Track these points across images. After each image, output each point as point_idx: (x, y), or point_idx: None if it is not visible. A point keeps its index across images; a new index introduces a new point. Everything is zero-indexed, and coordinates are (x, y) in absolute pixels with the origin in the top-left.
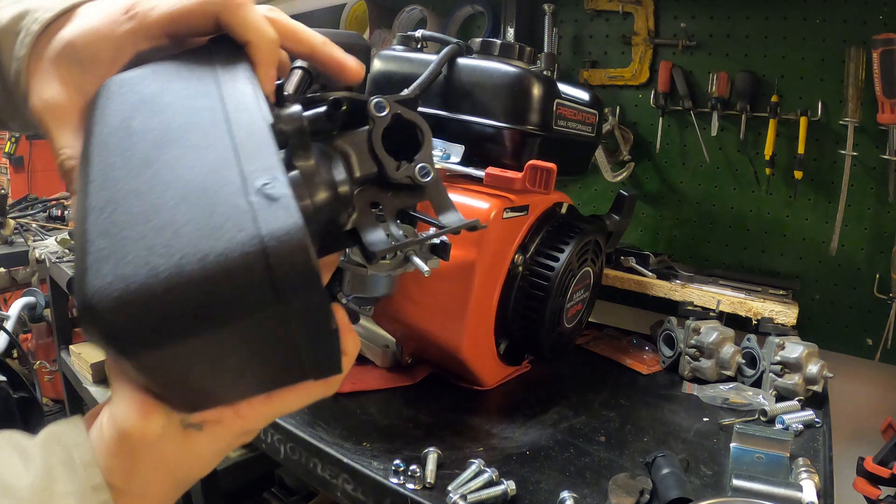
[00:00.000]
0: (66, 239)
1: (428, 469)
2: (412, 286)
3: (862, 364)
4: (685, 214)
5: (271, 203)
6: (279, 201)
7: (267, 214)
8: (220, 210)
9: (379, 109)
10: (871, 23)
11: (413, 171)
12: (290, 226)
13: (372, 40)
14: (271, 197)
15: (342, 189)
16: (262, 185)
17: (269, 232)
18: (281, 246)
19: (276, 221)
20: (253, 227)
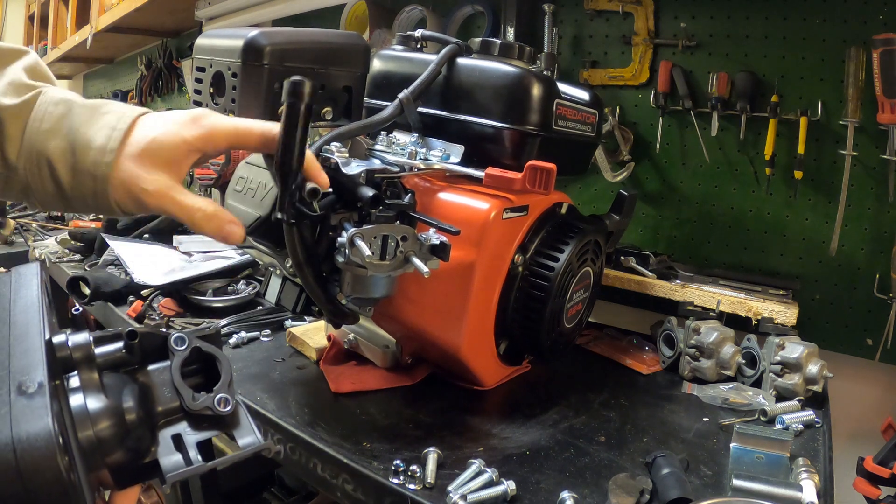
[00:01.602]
0: (67, 239)
1: (428, 469)
2: (412, 287)
3: (862, 364)
4: (685, 214)
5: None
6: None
7: (23, 420)
8: None
9: (179, 343)
10: (871, 23)
11: (211, 402)
12: (41, 434)
13: (372, 40)
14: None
15: (129, 417)
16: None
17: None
18: (32, 450)
19: (29, 428)
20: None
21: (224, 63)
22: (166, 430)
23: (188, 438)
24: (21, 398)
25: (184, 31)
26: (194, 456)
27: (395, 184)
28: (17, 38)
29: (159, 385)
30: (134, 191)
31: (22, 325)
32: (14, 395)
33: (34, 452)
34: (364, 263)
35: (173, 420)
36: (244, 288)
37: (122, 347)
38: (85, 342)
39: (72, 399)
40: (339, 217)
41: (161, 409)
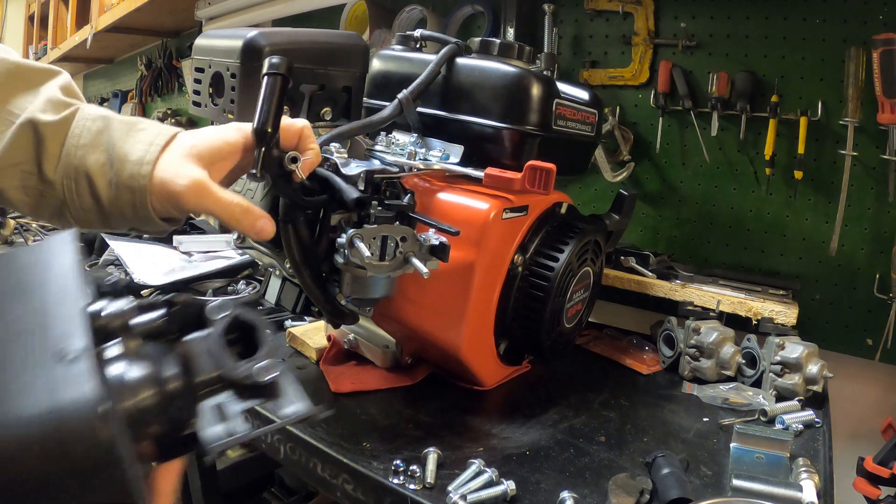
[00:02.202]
0: None
1: (428, 469)
2: (412, 287)
3: (862, 364)
4: (685, 214)
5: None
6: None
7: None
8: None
9: (217, 312)
10: (871, 23)
11: (253, 370)
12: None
13: (372, 40)
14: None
15: (171, 386)
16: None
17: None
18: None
19: (71, 394)
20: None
21: (223, 63)
22: (207, 400)
23: (230, 408)
24: (60, 365)
25: (184, 31)
26: (236, 426)
27: (394, 184)
28: (17, 38)
29: (198, 355)
30: (171, 194)
31: (59, 292)
32: (54, 362)
33: (76, 421)
34: (363, 264)
35: (214, 390)
36: (244, 288)
37: (159, 317)
38: (124, 310)
39: (111, 368)
40: (339, 218)
41: (201, 379)
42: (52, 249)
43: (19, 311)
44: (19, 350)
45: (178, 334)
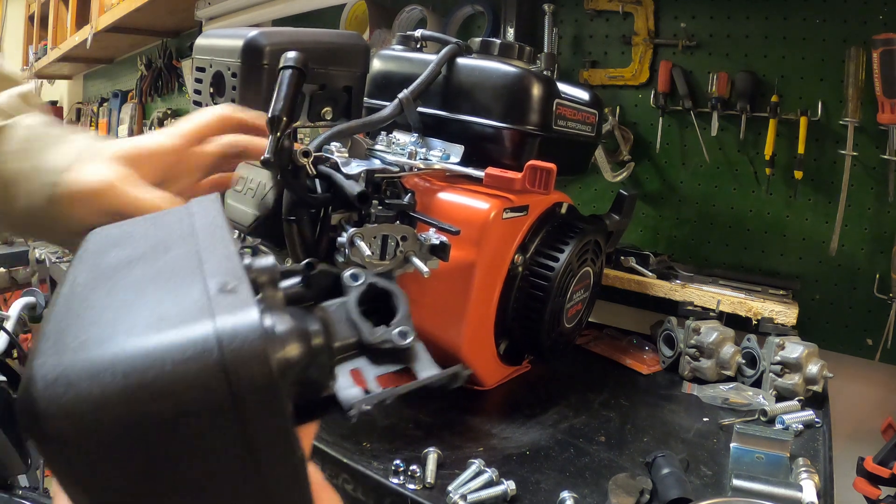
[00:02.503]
0: None
1: (428, 469)
2: (412, 287)
3: (862, 364)
4: (685, 214)
5: (231, 303)
6: (239, 301)
7: (225, 312)
8: (174, 309)
9: (354, 279)
10: (871, 23)
11: (391, 335)
12: (249, 323)
13: (372, 40)
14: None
15: (315, 341)
16: (222, 287)
17: (226, 328)
18: (241, 343)
19: (234, 319)
20: (209, 324)
21: (224, 63)
22: (344, 365)
23: (367, 372)
24: (221, 294)
25: (184, 31)
26: (374, 389)
27: (394, 184)
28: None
29: (336, 320)
30: (87, 196)
31: (209, 240)
32: (214, 292)
33: (242, 343)
34: (364, 263)
35: (351, 356)
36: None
37: (298, 282)
38: (271, 265)
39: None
40: (339, 217)
41: (339, 344)
42: (196, 209)
43: (172, 254)
44: (175, 284)
45: (314, 301)
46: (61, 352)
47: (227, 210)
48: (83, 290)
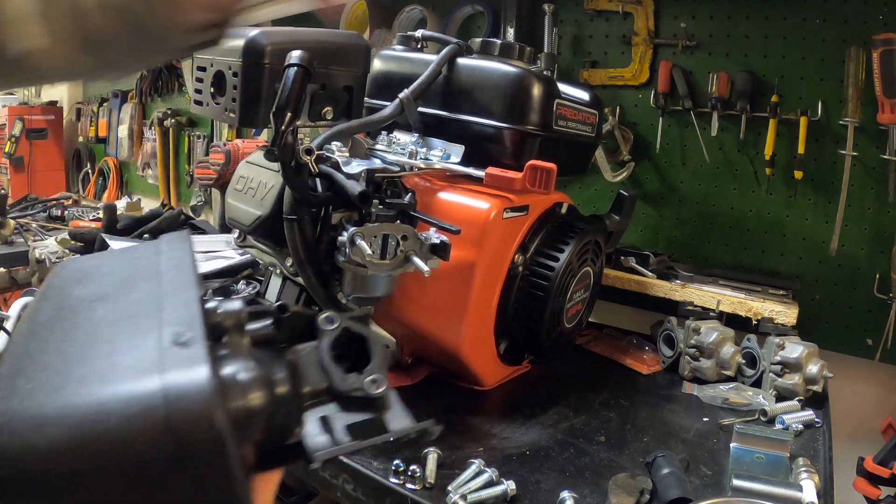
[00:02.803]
0: (66, 239)
1: (428, 469)
2: (412, 286)
3: (862, 364)
4: (685, 214)
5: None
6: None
7: (175, 368)
8: (127, 359)
9: (328, 323)
10: (871, 23)
11: (362, 383)
12: (197, 381)
13: (372, 40)
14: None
15: (280, 390)
16: (176, 339)
17: (174, 385)
18: (185, 400)
19: (184, 375)
20: (157, 379)
21: (225, 62)
22: (312, 411)
23: (336, 420)
24: (175, 347)
25: None
26: (342, 438)
27: (395, 183)
28: None
29: (307, 365)
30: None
31: (173, 283)
32: (167, 343)
33: (188, 403)
34: (364, 262)
35: (320, 401)
36: (244, 288)
37: (269, 324)
38: (237, 309)
39: (223, 365)
40: (340, 216)
41: (308, 389)
42: (166, 246)
43: (134, 296)
44: (131, 331)
45: (287, 343)
46: (11, 396)
47: (228, 209)
48: (42, 329)
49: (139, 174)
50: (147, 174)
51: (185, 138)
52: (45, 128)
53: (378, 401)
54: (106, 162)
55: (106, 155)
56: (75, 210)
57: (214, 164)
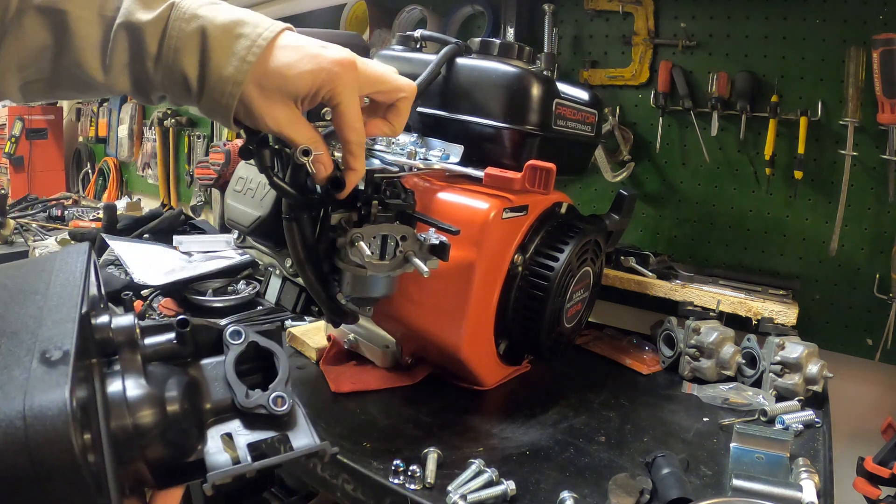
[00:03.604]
0: (66, 239)
1: (428, 469)
2: (412, 286)
3: (862, 364)
4: (685, 214)
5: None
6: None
7: (36, 389)
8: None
9: (235, 337)
10: (871, 23)
11: (266, 400)
12: (55, 403)
13: (372, 40)
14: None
15: (171, 408)
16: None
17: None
18: (41, 422)
19: (43, 397)
20: (20, 401)
21: None
22: (216, 428)
23: (239, 438)
24: (42, 366)
25: None
26: (243, 456)
27: (394, 183)
28: None
29: (211, 380)
30: (253, 116)
31: (58, 298)
32: (36, 363)
33: (44, 424)
34: (364, 263)
35: (224, 418)
36: (244, 288)
37: (173, 338)
38: (129, 325)
39: (109, 384)
40: (339, 217)
41: (211, 405)
42: (64, 258)
43: (17, 312)
44: (8, 350)
45: (192, 358)
46: None
47: (227, 210)
48: None
49: (139, 174)
50: (147, 174)
51: (185, 138)
52: (45, 128)
53: (282, 418)
54: (106, 162)
55: (106, 155)
56: (75, 210)
57: (214, 164)
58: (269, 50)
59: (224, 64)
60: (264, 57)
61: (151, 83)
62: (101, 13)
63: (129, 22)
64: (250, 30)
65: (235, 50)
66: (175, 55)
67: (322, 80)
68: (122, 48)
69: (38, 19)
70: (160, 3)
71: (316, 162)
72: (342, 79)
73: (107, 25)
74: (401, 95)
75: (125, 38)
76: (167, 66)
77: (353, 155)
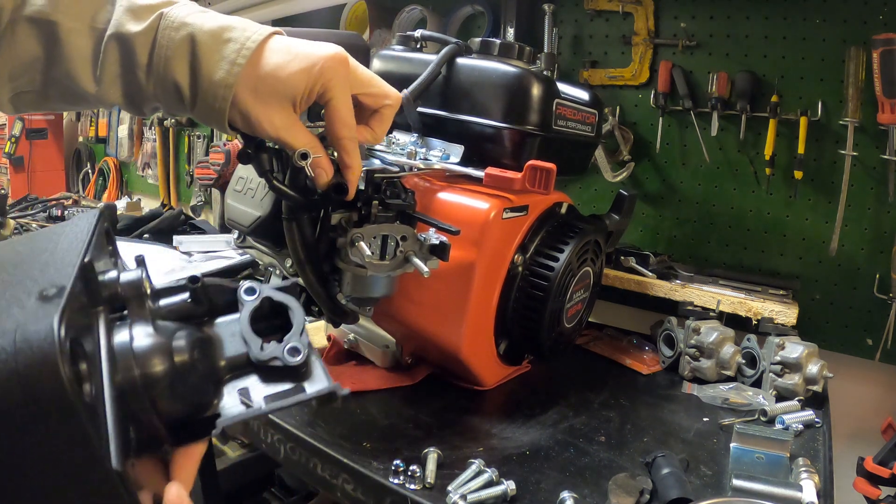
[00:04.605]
0: None
1: (428, 469)
2: (412, 286)
3: (862, 364)
4: (685, 214)
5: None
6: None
7: (29, 320)
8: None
9: (249, 293)
10: (871, 23)
11: (280, 352)
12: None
13: (372, 40)
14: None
15: (179, 358)
16: (41, 294)
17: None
18: (30, 352)
19: (34, 325)
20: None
21: None
22: (232, 384)
23: (255, 392)
24: (38, 302)
25: None
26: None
27: (394, 183)
28: None
29: (227, 337)
30: (250, 122)
31: (63, 252)
32: (33, 300)
33: (32, 349)
34: (364, 263)
35: (240, 374)
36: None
37: (187, 298)
38: (136, 279)
39: (116, 335)
40: (339, 217)
41: (226, 361)
42: (75, 223)
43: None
44: (10, 295)
45: (208, 317)
46: None
47: (227, 210)
48: None
49: (139, 174)
50: (147, 174)
51: (185, 138)
52: (45, 128)
53: (298, 369)
54: (106, 162)
55: (106, 155)
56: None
57: (214, 164)
58: (258, 53)
59: (214, 69)
60: (254, 60)
61: (143, 94)
62: (92, 25)
63: (120, 33)
64: (238, 34)
65: (225, 54)
66: (166, 64)
67: (315, 77)
68: (112, 59)
69: (30, 30)
70: (150, 14)
71: (315, 166)
72: (335, 73)
73: (97, 37)
74: (386, 102)
75: (116, 49)
76: (159, 75)
77: (347, 151)
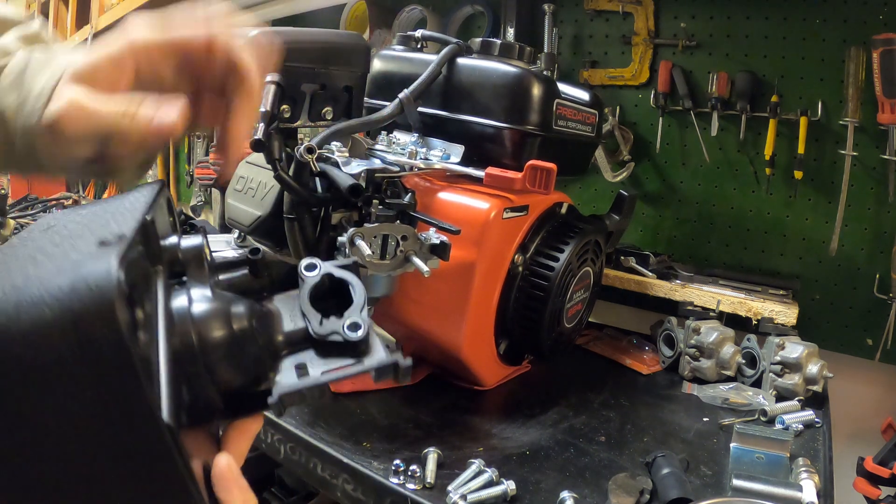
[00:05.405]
0: None
1: (428, 469)
2: (412, 286)
3: (862, 364)
4: (685, 214)
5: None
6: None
7: (88, 264)
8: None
9: (310, 269)
10: (871, 23)
11: (340, 327)
12: (101, 271)
13: (372, 40)
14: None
15: (238, 325)
16: (101, 241)
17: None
18: (86, 295)
19: (91, 267)
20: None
21: None
22: (290, 359)
23: (313, 367)
24: (96, 248)
25: None
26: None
27: (395, 183)
28: None
29: (285, 311)
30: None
31: (127, 211)
32: (92, 247)
33: (89, 292)
34: (364, 263)
35: (299, 349)
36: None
37: (247, 272)
38: (197, 245)
39: (174, 298)
40: (340, 216)
41: (284, 336)
42: (135, 193)
43: (88, 227)
44: (67, 246)
45: (268, 292)
46: None
47: (228, 209)
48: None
49: None
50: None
51: (185, 138)
52: None
53: (357, 345)
54: None
55: None
56: None
57: (214, 164)
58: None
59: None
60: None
61: None
62: None
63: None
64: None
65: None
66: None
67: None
68: None
69: None
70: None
71: None
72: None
73: None
74: None
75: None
76: None
77: None
